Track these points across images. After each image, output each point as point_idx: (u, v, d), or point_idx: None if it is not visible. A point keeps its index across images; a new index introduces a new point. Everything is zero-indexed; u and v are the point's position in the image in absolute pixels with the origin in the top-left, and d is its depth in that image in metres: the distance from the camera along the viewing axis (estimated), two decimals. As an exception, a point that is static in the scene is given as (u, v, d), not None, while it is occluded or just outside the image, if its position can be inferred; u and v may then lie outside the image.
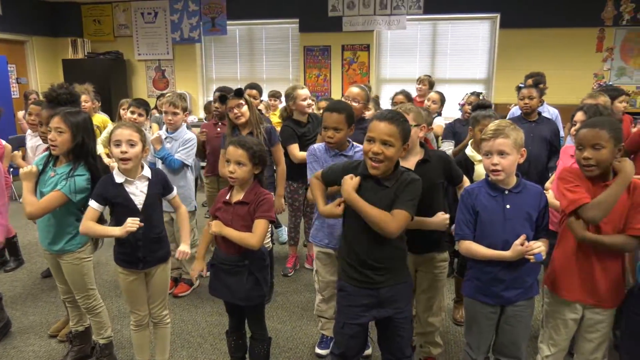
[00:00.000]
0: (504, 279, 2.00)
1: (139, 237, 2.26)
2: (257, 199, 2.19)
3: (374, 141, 1.87)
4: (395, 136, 1.86)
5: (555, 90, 5.69)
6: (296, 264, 4.04)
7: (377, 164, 1.87)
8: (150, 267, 2.37)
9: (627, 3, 6.57)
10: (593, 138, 1.91)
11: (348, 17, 7.38)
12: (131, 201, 2.26)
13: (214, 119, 3.83)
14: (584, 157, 1.93)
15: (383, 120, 1.88)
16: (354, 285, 2.00)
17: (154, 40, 8.21)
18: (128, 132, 2.23)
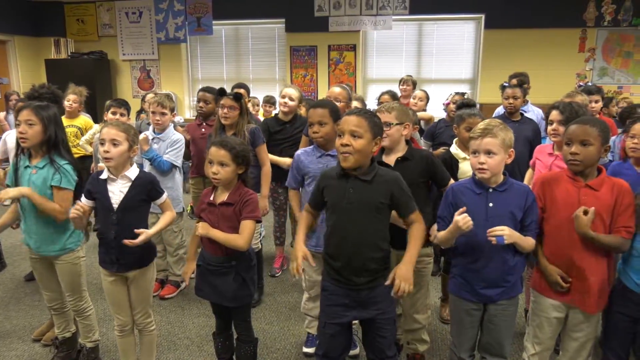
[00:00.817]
0: (485, 277, 2.02)
1: (112, 237, 2.24)
2: (242, 200, 2.18)
3: (343, 134, 1.90)
4: (364, 127, 1.88)
5: (539, 90, 5.77)
6: (284, 264, 4.03)
7: (347, 154, 1.89)
8: (126, 270, 2.31)
9: (608, 4, 6.69)
10: (582, 134, 1.93)
11: (334, 17, 7.39)
12: (108, 199, 2.24)
13: (198, 119, 3.80)
14: (572, 152, 1.95)
15: (352, 115, 1.94)
16: (336, 285, 2.00)
17: (138, 40, 8.13)
18: (113, 132, 2.23)
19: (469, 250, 2.04)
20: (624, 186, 1.98)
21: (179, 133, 3.48)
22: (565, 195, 1.99)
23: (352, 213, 1.93)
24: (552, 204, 2.02)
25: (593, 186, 1.96)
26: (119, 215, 2.24)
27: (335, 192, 1.98)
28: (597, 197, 1.95)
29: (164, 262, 3.62)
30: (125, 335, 2.45)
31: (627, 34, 6.75)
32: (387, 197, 1.94)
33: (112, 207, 2.24)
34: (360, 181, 1.94)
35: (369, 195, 1.93)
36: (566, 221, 1.98)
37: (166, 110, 3.33)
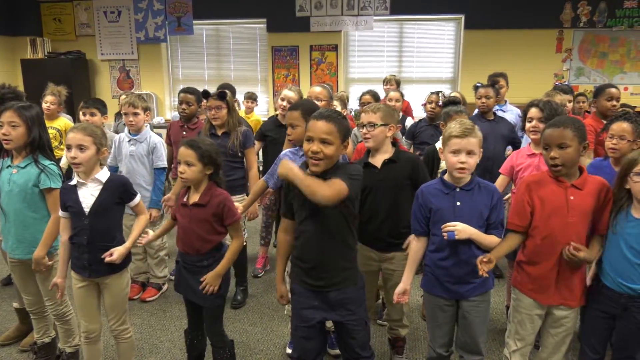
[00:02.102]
0: (453, 274, 2.05)
1: (84, 242, 2.21)
2: (218, 205, 2.19)
3: (313, 140, 1.86)
4: (334, 134, 1.85)
5: (518, 90, 5.85)
6: (266, 264, 4.02)
7: (317, 161, 1.86)
8: (99, 276, 2.28)
9: (584, 6, 6.82)
10: (559, 137, 1.96)
11: (315, 17, 7.39)
12: (79, 203, 2.20)
13: (180, 121, 3.76)
14: (551, 157, 1.98)
15: (320, 119, 1.87)
16: (305, 288, 1.99)
17: (117, 40, 8.00)
18: (78, 137, 2.18)
19: (438, 248, 2.07)
20: (605, 183, 2.03)
21: (155, 134, 3.43)
22: (553, 197, 2.02)
23: (317, 214, 1.91)
24: (541, 206, 2.04)
25: (578, 186, 1.99)
26: (91, 220, 2.21)
27: (300, 195, 1.91)
28: (583, 197, 1.99)
29: (144, 264, 3.58)
30: (92, 343, 2.39)
31: (602, 35, 6.90)
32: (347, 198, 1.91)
33: (84, 212, 2.20)
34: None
35: None
36: (556, 222, 2.00)
37: (138, 110, 3.27)
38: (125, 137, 3.34)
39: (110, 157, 3.36)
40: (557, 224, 2.00)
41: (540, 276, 2.07)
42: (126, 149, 3.31)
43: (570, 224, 1.98)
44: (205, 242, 2.21)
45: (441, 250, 2.07)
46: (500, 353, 2.75)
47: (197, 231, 2.19)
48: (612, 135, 2.50)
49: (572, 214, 1.98)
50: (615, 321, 2.05)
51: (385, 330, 2.84)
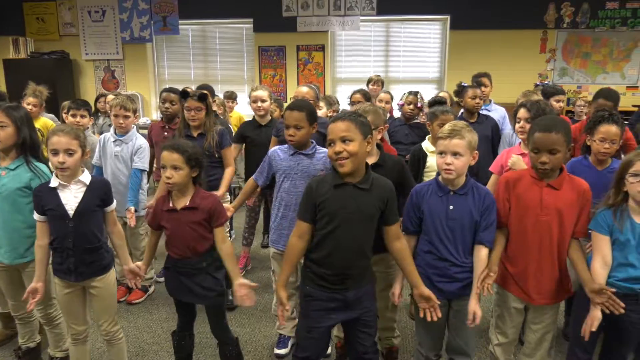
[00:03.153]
0: (444, 274, 2.06)
1: (69, 246, 2.17)
2: (209, 207, 2.18)
3: (334, 142, 1.86)
4: (353, 130, 1.85)
5: (502, 90, 5.91)
6: (247, 264, 4.01)
7: (343, 161, 1.85)
8: (85, 279, 2.24)
9: (567, 7, 6.92)
10: (551, 144, 1.95)
11: (302, 17, 7.39)
12: (62, 206, 2.15)
13: (161, 122, 3.72)
14: (541, 162, 1.98)
15: (337, 121, 1.89)
16: (321, 291, 1.97)
17: (102, 40, 7.92)
18: (66, 141, 2.11)
19: (430, 249, 2.08)
20: (584, 185, 2.05)
21: (141, 137, 3.40)
22: (528, 194, 2.04)
23: (350, 222, 1.89)
24: (517, 203, 2.06)
25: (554, 185, 2.02)
26: (76, 222, 2.16)
27: (332, 202, 1.90)
28: (557, 196, 2.01)
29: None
30: (80, 343, 2.37)
31: (585, 36, 7.00)
32: (383, 205, 1.93)
33: (68, 215, 2.15)
34: (359, 190, 1.89)
35: (368, 203, 1.91)
36: (530, 221, 2.03)
37: (129, 113, 3.24)
38: (110, 137, 3.30)
39: (96, 157, 3.33)
40: (529, 221, 2.03)
41: (517, 273, 2.10)
42: (111, 149, 3.27)
43: (543, 222, 2.01)
44: (204, 240, 2.20)
45: (431, 251, 2.07)
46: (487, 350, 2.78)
47: (192, 233, 2.17)
48: (604, 139, 2.47)
49: (544, 212, 2.00)
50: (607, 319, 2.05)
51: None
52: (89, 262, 2.22)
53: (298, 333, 2.12)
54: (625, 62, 7.01)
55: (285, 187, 2.52)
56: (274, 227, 2.61)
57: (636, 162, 1.94)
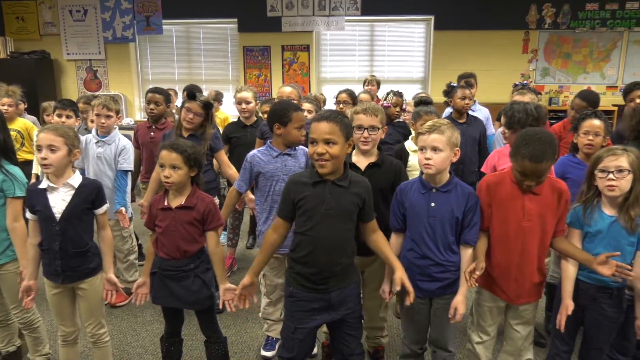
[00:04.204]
0: (426, 272, 2.08)
1: (56, 248, 2.15)
2: (204, 207, 2.17)
3: (317, 142, 1.88)
4: (337, 133, 1.87)
5: (486, 90, 5.97)
6: (233, 265, 3.99)
7: (324, 162, 1.87)
8: (73, 281, 2.23)
9: (548, 8, 7.02)
10: (540, 173, 1.95)
11: (287, 17, 7.38)
12: (49, 209, 2.13)
13: (147, 122, 3.68)
14: (527, 184, 1.99)
15: (322, 121, 1.90)
16: (305, 291, 1.99)
17: (84, 39, 7.81)
18: (50, 137, 2.11)
19: (412, 246, 2.10)
20: (563, 186, 2.08)
21: (124, 137, 3.36)
22: (511, 199, 2.05)
23: (329, 219, 1.91)
24: (498, 207, 2.07)
25: (536, 191, 2.03)
26: (63, 226, 2.15)
27: (311, 199, 1.93)
28: (539, 202, 2.03)
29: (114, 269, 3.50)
30: (69, 345, 2.36)
31: (566, 36, 7.11)
32: (360, 202, 1.96)
33: (54, 217, 2.14)
34: (337, 187, 1.92)
35: (346, 200, 1.93)
36: (512, 226, 2.04)
37: (112, 112, 3.20)
38: (92, 139, 3.25)
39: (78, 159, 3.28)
40: (511, 227, 2.04)
41: (499, 275, 2.12)
42: (93, 150, 3.23)
43: (525, 228, 2.03)
44: (194, 242, 2.18)
45: (414, 248, 2.09)
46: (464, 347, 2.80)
47: (185, 233, 2.15)
48: (587, 132, 2.57)
49: (526, 219, 2.02)
50: (585, 313, 2.11)
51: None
52: (76, 266, 2.20)
53: (282, 333, 2.12)
54: (605, 63, 7.14)
55: (276, 190, 2.49)
56: (264, 230, 2.59)
57: (605, 159, 2.00)
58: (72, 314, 2.34)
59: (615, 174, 1.97)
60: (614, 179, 1.97)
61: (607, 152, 2.03)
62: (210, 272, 2.29)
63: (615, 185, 1.97)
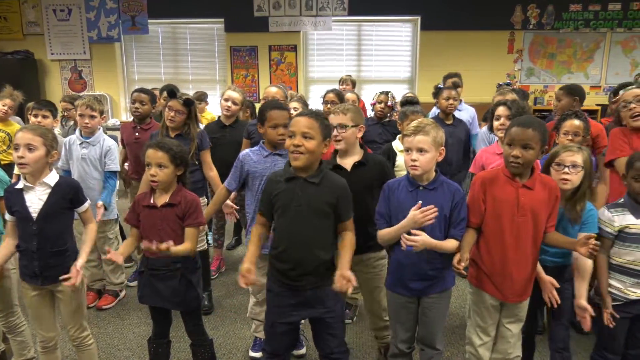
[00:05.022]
0: (414, 271, 2.08)
1: (33, 248, 2.12)
2: (187, 204, 2.16)
3: (295, 135, 1.92)
4: (315, 129, 1.92)
5: (472, 89, 6.03)
6: (221, 266, 3.98)
7: (298, 155, 1.91)
8: (51, 283, 2.20)
9: (533, 9, 7.10)
10: (525, 138, 1.98)
11: (274, 17, 7.37)
12: (25, 208, 2.11)
13: (132, 122, 3.65)
14: (513, 155, 2.01)
15: (302, 116, 1.97)
16: (281, 287, 2.02)
17: (68, 39, 7.71)
18: (28, 136, 2.10)
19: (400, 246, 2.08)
20: (553, 183, 2.11)
21: (108, 137, 3.33)
22: (505, 195, 2.06)
23: (301, 215, 1.94)
24: (492, 203, 2.08)
25: (529, 185, 2.05)
26: (40, 225, 2.12)
27: (284, 195, 1.98)
28: (533, 196, 2.05)
29: (100, 271, 3.47)
30: (50, 351, 2.32)
31: (550, 37, 7.20)
32: (334, 200, 1.97)
33: (31, 217, 2.11)
34: (308, 183, 1.95)
35: (317, 197, 1.95)
36: (506, 221, 2.05)
37: (95, 113, 3.16)
38: (76, 140, 3.21)
39: (62, 160, 3.24)
40: (505, 222, 2.05)
41: (494, 273, 2.13)
42: (77, 152, 3.19)
43: (519, 223, 2.04)
44: (179, 240, 2.16)
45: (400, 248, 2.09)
46: (460, 346, 2.82)
47: (170, 231, 2.14)
48: (567, 132, 2.68)
49: (521, 213, 2.04)
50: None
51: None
52: (54, 266, 2.17)
53: (264, 327, 2.15)
54: (588, 63, 7.24)
55: None
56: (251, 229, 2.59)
57: (562, 154, 2.17)
58: (52, 318, 2.30)
59: (570, 169, 2.13)
60: (568, 173, 2.13)
61: (564, 149, 2.19)
62: (198, 273, 2.28)
63: (568, 179, 2.13)
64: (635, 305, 2.18)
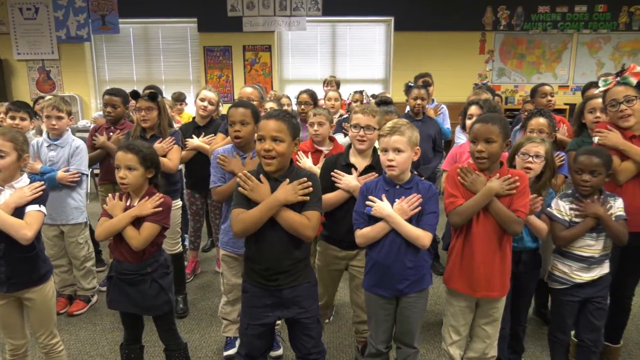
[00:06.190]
0: (391, 271, 2.09)
1: (0, 254, 2.06)
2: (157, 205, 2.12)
3: (264, 139, 1.91)
4: (284, 131, 1.91)
5: (444, 89, 6.13)
6: (196, 268, 3.93)
7: (270, 160, 1.90)
8: (18, 289, 2.13)
9: (503, 10, 7.25)
10: (486, 132, 2.05)
11: (248, 17, 7.33)
12: None
13: (106, 123, 3.57)
14: (478, 150, 2.07)
15: (271, 119, 1.93)
16: (257, 287, 2.00)
17: (35, 39, 7.51)
18: None
19: (378, 246, 2.10)
20: (521, 174, 2.15)
21: (78, 138, 3.25)
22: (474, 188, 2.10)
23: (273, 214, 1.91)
24: (462, 196, 2.12)
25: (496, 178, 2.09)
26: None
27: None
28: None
29: (70, 276, 3.38)
30: (19, 359, 2.25)
31: (520, 38, 7.36)
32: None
33: None
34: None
35: None
36: (474, 214, 2.08)
37: (62, 114, 3.08)
38: (44, 142, 3.12)
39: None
40: (474, 216, 2.09)
41: (466, 268, 2.16)
42: (45, 155, 3.10)
43: (487, 216, 2.08)
44: (151, 244, 2.13)
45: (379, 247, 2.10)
46: (436, 343, 2.86)
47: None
48: (532, 130, 2.77)
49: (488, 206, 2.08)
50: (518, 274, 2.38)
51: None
52: (22, 272, 2.11)
53: (239, 330, 2.13)
54: (556, 63, 7.44)
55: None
56: (224, 229, 2.57)
57: (527, 145, 2.36)
58: (21, 326, 2.23)
59: (533, 158, 2.33)
60: (531, 162, 2.33)
61: (528, 140, 2.38)
62: (169, 277, 2.25)
63: (532, 167, 2.32)
64: (581, 289, 2.31)
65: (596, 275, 2.29)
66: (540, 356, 2.78)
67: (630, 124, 2.38)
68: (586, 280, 2.29)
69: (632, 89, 2.38)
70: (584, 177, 2.24)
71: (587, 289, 2.30)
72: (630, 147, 2.34)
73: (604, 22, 7.23)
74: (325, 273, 2.53)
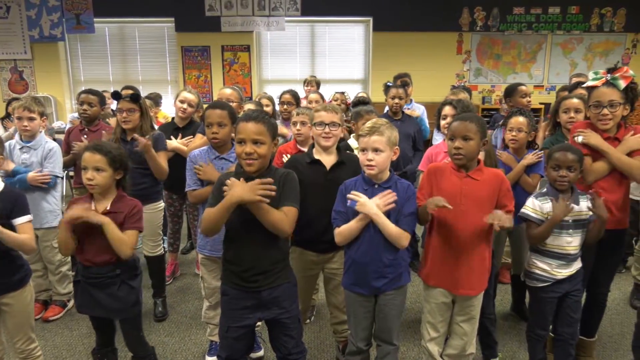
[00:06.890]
0: (369, 269, 2.11)
1: None
2: (127, 210, 2.09)
3: (245, 142, 1.90)
4: (264, 134, 1.92)
5: (422, 89, 6.17)
6: (175, 270, 3.89)
7: (252, 161, 1.90)
8: None
9: (479, 11, 7.36)
10: (464, 130, 2.08)
11: (226, 17, 7.27)
12: None
13: (80, 125, 3.50)
14: (455, 147, 2.10)
15: (250, 121, 1.92)
16: (236, 289, 1.99)
17: (7, 38, 7.31)
18: None
19: (359, 244, 2.12)
20: (500, 175, 2.19)
21: (51, 140, 3.17)
22: (450, 186, 2.13)
23: (248, 215, 1.90)
24: (438, 193, 2.14)
25: (473, 176, 2.13)
26: None
27: None
28: (476, 186, 2.12)
29: (45, 281, 3.31)
30: None
31: (496, 38, 7.48)
32: (280, 189, 1.94)
33: None
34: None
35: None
36: (449, 211, 2.08)
37: (34, 114, 3.00)
38: (16, 145, 3.04)
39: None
40: (450, 212, 2.09)
41: (443, 265, 2.19)
42: (18, 157, 3.02)
43: (463, 212, 2.10)
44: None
45: (357, 246, 2.11)
46: (417, 340, 2.88)
47: (106, 238, 2.04)
48: (512, 129, 2.84)
49: (464, 203, 2.10)
50: None
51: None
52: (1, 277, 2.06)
53: (219, 333, 2.12)
54: (531, 63, 7.58)
55: None
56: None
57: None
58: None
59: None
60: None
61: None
62: (139, 279, 2.22)
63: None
64: (561, 285, 2.35)
65: (573, 270, 2.35)
66: (518, 351, 2.83)
67: (608, 127, 2.40)
68: (566, 276, 2.33)
69: (618, 93, 2.34)
70: (561, 172, 2.26)
71: (565, 284, 2.35)
72: (609, 149, 2.35)
73: (577, 24, 7.39)
74: (301, 280, 2.46)
